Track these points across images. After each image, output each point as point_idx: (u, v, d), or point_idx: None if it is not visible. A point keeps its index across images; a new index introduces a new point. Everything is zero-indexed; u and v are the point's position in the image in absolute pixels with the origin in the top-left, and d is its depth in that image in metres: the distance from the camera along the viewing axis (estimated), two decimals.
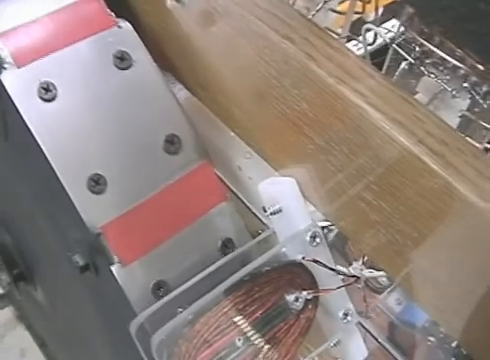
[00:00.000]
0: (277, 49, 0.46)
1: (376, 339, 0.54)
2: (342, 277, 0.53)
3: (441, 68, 0.46)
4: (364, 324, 0.54)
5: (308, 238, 0.51)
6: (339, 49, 0.46)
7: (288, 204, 0.51)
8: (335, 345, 0.55)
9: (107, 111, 0.51)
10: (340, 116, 0.45)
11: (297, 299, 0.50)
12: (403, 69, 0.47)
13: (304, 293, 0.51)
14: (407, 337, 0.80)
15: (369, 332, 0.54)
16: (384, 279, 0.74)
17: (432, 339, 0.77)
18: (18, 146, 0.58)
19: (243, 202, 0.56)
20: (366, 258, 0.56)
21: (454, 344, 0.77)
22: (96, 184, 0.49)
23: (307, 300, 0.51)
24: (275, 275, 0.50)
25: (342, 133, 0.45)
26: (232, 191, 0.56)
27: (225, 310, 0.48)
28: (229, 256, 0.52)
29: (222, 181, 0.55)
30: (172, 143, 0.52)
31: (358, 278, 0.53)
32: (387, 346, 0.56)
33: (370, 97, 0.44)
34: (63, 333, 0.87)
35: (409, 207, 0.45)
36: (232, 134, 0.54)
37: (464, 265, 0.44)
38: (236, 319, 0.48)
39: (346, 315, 0.53)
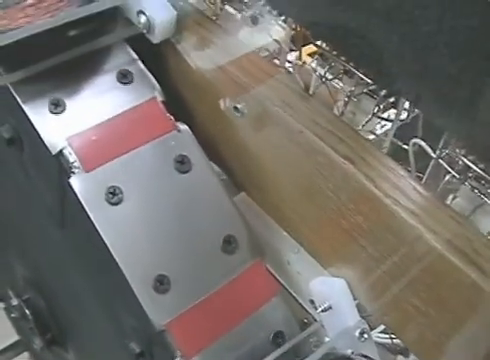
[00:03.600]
0: (336, 167, 0.51)
1: None
2: None
3: (483, 182, 0.50)
4: None
5: (357, 334, 0.55)
6: (394, 170, 0.50)
7: (338, 302, 0.54)
8: None
9: (169, 214, 0.55)
10: (395, 233, 0.49)
11: None
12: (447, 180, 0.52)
13: None
14: None
15: None
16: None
17: None
18: (74, 235, 0.61)
19: (290, 293, 0.60)
20: None
21: None
22: (161, 284, 0.52)
23: None
24: None
25: (395, 247, 0.50)
26: (280, 282, 0.60)
27: None
28: (283, 348, 0.55)
29: (271, 273, 0.59)
30: (229, 243, 0.55)
31: None
32: None
33: (424, 218, 0.48)
34: None
35: (456, 317, 0.49)
36: (283, 233, 0.58)
37: None
38: None
39: None
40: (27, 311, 0.80)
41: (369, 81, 0.54)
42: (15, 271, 0.86)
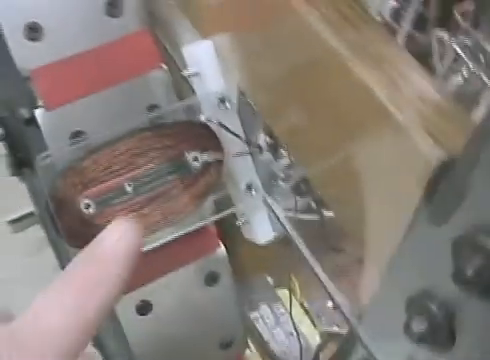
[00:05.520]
0: None
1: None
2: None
3: None
4: (272, 205, 0.52)
5: (216, 101, 0.51)
6: None
7: (204, 67, 0.51)
8: (243, 223, 0.54)
9: None
10: None
11: (196, 159, 0.50)
12: None
13: (204, 154, 0.50)
14: None
15: (273, 212, 0.51)
16: None
17: None
18: None
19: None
20: None
21: None
22: (33, 31, 0.51)
23: (208, 163, 0.51)
24: (177, 130, 0.50)
25: None
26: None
27: (118, 152, 0.49)
28: (151, 115, 0.53)
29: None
30: (113, 6, 0.54)
31: (261, 148, 0.52)
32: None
33: None
34: None
35: None
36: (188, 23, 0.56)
37: None
38: (129, 164, 0.49)
39: (250, 188, 0.52)
40: None
41: None
42: None
